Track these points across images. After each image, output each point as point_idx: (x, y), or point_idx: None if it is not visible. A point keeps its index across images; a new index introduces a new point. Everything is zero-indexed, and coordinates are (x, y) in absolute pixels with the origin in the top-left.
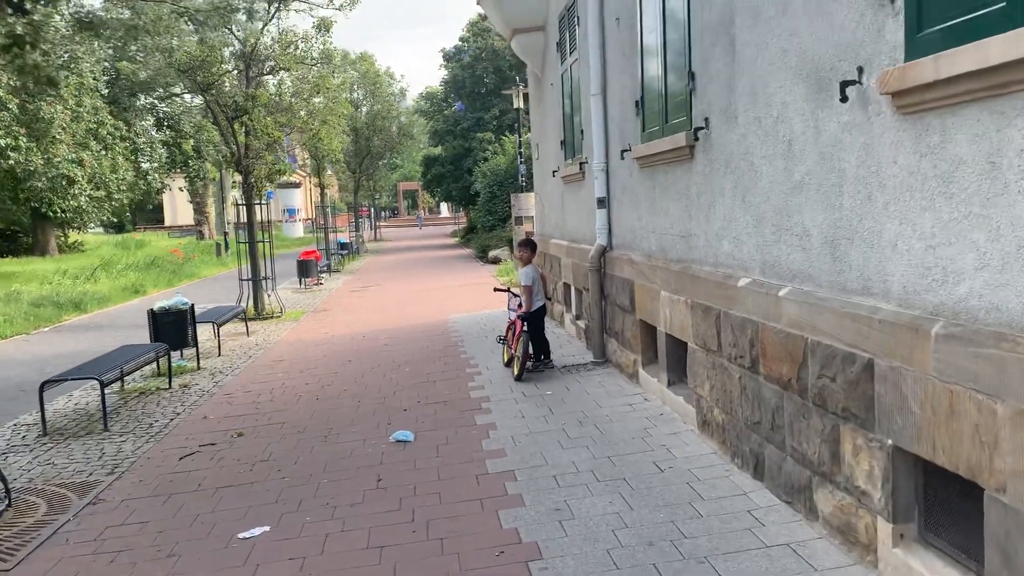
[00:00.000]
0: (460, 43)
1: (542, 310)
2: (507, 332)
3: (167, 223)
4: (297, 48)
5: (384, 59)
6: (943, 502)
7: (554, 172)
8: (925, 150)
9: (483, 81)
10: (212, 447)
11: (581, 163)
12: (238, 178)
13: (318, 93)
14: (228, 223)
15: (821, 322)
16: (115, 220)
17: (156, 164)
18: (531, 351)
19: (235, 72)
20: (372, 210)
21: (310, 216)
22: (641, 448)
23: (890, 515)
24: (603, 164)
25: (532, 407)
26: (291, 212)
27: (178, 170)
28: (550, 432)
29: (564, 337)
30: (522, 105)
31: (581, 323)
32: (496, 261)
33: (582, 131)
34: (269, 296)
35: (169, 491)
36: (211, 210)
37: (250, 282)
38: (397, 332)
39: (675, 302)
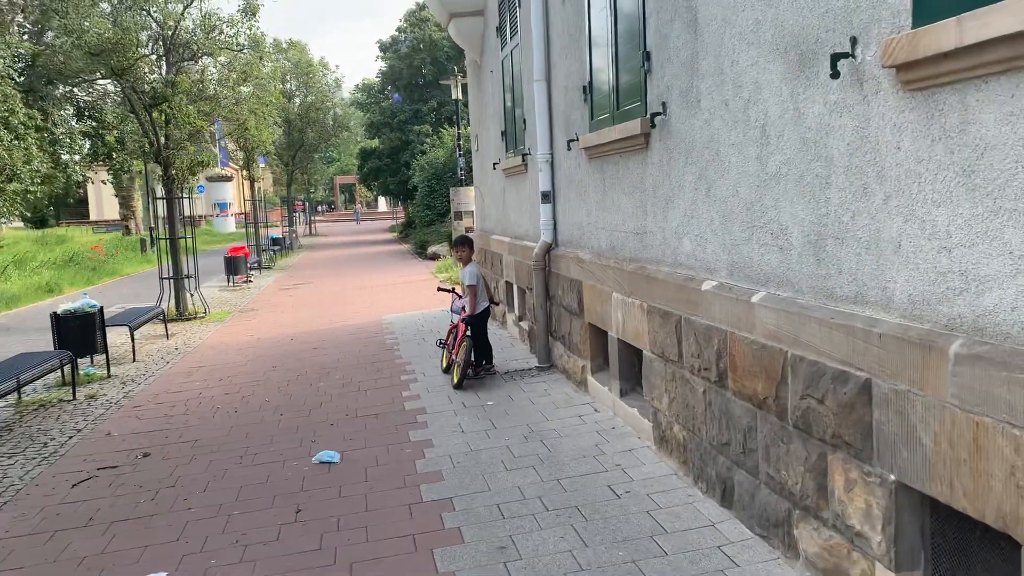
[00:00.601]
0: (397, 33)
1: (486, 312)
2: (448, 336)
3: (92, 218)
4: (222, 33)
5: (322, 52)
6: (959, 550)
7: (495, 165)
8: (939, 133)
9: (421, 72)
10: (112, 470)
11: (523, 155)
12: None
13: (245, 81)
14: (156, 218)
15: (805, 334)
16: (27, 215)
17: (77, 156)
18: (473, 358)
19: (153, 57)
20: (307, 204)
21: (243, 211)
22: (594, 468)
23: (892, 561)
24: (548, 155)
25: (473, 420)
26: (223, 206)
27: (100, 162)
28: (493, 450)
29: (506, 339)
30: (460, 96)
31: (524, 324)
32: (435, 257)
33: (524, 121)
34: (192, 295)
35: (54, 527)
36: (138, 204)
37: (171, 281)
38: (328, 334)
39: (629, 305)
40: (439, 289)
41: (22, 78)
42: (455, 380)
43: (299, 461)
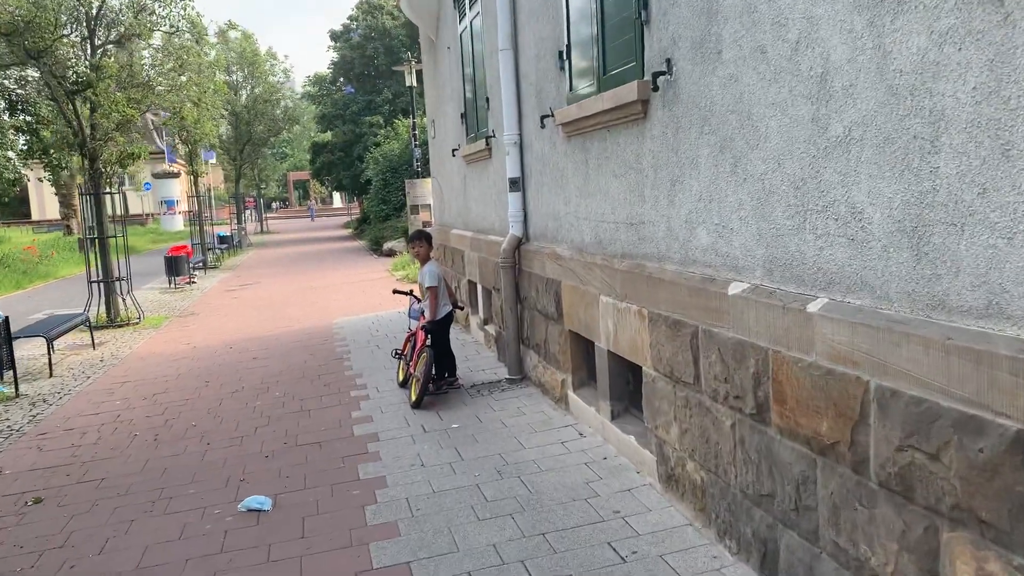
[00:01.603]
0: (349, 22)
1: (449, 317)
2: (405, 345)
3: (35, 217)
4: (153, 13)
5: (271, 44)
6: None
7: (454, 151)
8: None
9: (373, 62)
10: None
11: (487, 138)
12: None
13: (182, 67)
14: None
15: (899, 358)
16: None
17: (11, 153)
18: (434, 371)
19: (76, 38)
20: (259, 201)
21: (192, 208)
22: (588, 517)
23: None
24: (515, 137)
25: (435, 449)
26: (170, 204)
27: (36, 159)
28: (460, 491)
29: (471, 345)
30: (415, 84)
31: (491, 329)
32: (391, 253)
33: (487, 99)
34: (124, 300)
35: None
36: (79, 202)
37: (101, 284)
38: (272, 341)
39: (623, 312)
40: (395, 292)
41: None
42: (413, 397)
43: (222, 508)
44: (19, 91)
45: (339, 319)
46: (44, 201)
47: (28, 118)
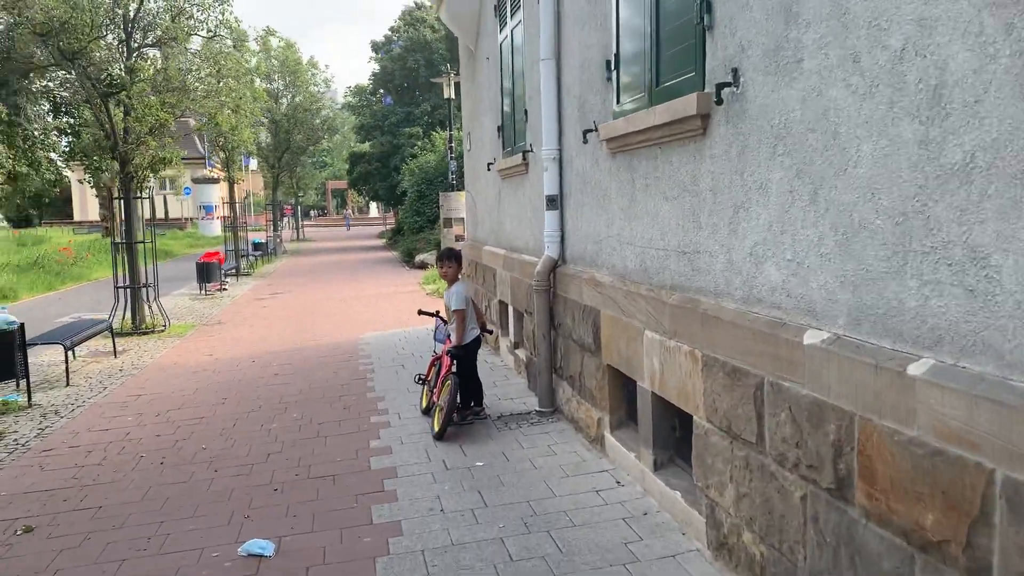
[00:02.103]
0: (391, 33)
1: (476, 343)
2: (429, 369)
3: (77, 218)
4: (191, 17)
5: (313, 53)
6: None
7: (489, 165)
8: None
9: (413, 74)
10: None
11: (524, 152)
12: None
13: (219, 72)
14: (141, 219)
15: None
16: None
17: (53, 154)
18: (459, 400)
19: (112, 39)
20: (297, 208)
21: (229, 214)
22: None
23: None
24: (555, 151)
25: (456, 491)
26: (208, 209)
27: (78, 161)
28: (482, 545)
29: (499, 369)
30: (453, 95)
31: (521, 354)
32: (423, 266)
33: (526, 111)
34: (150, 307)
35: None
36: (119, 205)
37: (127, 290)
38: (296, 356)
39: (671, 351)
40: (420, 312)
41: None
42: (436, 428)
43: (222, 550)
44: (64, 93)
45: (366, 334)
46: (86, 202)
47: (71, 120)
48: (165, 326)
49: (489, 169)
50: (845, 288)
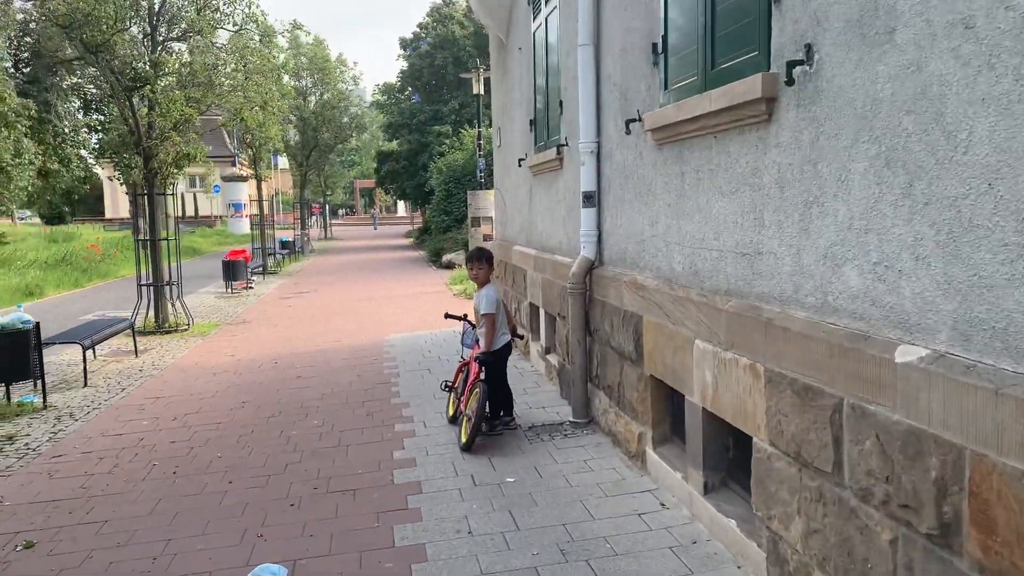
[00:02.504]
0: (419, 30)
1: (507, 349)
2: (456, 376)
3: (108, 215)
4: (217, 11)
5: (344, 52)
6: None
7: (520, 161)
8: None
9: (441, 72)
10: None
11: (558, 146)
12: (188, 170)
13: (245, 67)
14: (167, 217)
15: None
16: (28, 210)
17: (83, 151)
18: (488, 409)
19: (136, 32)
20: (325, 207)
21: (259, 212)
22: None
23: None
24: (593, 144)
25: (485, 510)
26: (237, 207)
27: (107, 158)
28: (515, 575)
29: (530, 376)
30: (483, 91)
31: (553, 360)
32: (450, 266)
33: (561, 103)
34: (173, 305)
35: None
36: (137, 203)
37: (151, 288)
38: (319, 357)
39: (727, 363)
40: (447, 316)
41: (28, 68)
42: (463, 439)
43: (231, 573)
44: (93, 90)
45: (391, 335)
46: (117, 199)
47: (100, 116)
48: (188, 325)
49: (520, 165)
50: (949, 296)
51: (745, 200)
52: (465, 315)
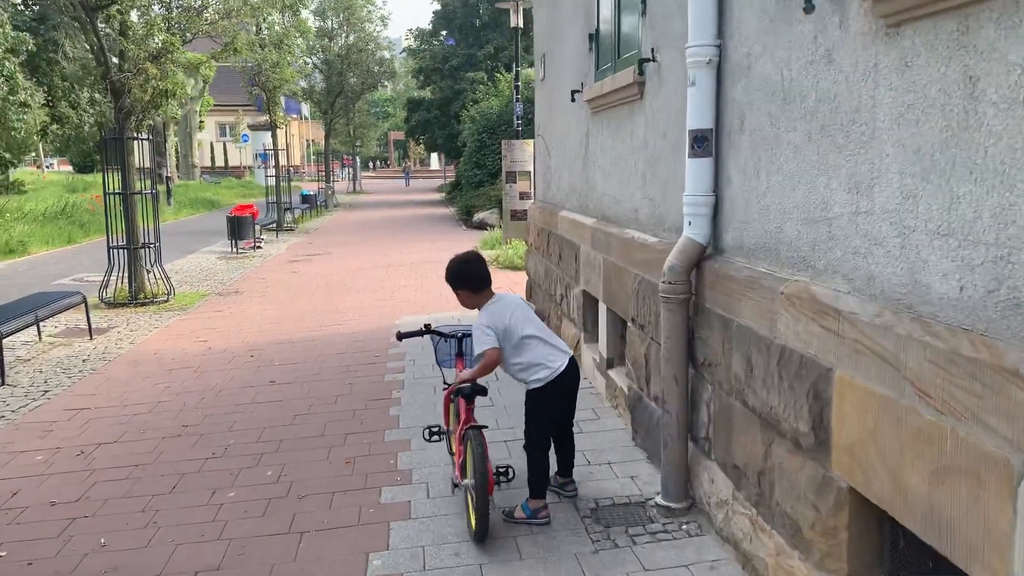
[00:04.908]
0: None
1: (555, 386)
2: (446, 410)
3: (137, 165)
4: None
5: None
6: None
7: (574, 95)
8: None
9: (477, 12)
10: None
11: (640, 62)
12: (218, 118)
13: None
14: (193, 167)
15: None
16: (17, 159)
17: (97, 95)
18: (530, 478)
19: None
20: (355, 159)
21: (289, 163)
22: None
23: None
24: (710, 50)
25: None
26: (263, 157)
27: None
28: None
29: (584, 394)
30: (521, 23)
31: (619, 380)
32: (482, 226)
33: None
34: (149, 272)
35: None
36: (173, 150)
37: (125, 252)
38: (308, 350)
39: None
40: (400, 336)
41: (37, 6)
42: (474, 526)
43: None
44: (108, 30)
45: (404, 318)
46: (145, 148)
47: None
48: (169, 296)
49: (573, 100)
50: None
51: None
52: (426, 326)
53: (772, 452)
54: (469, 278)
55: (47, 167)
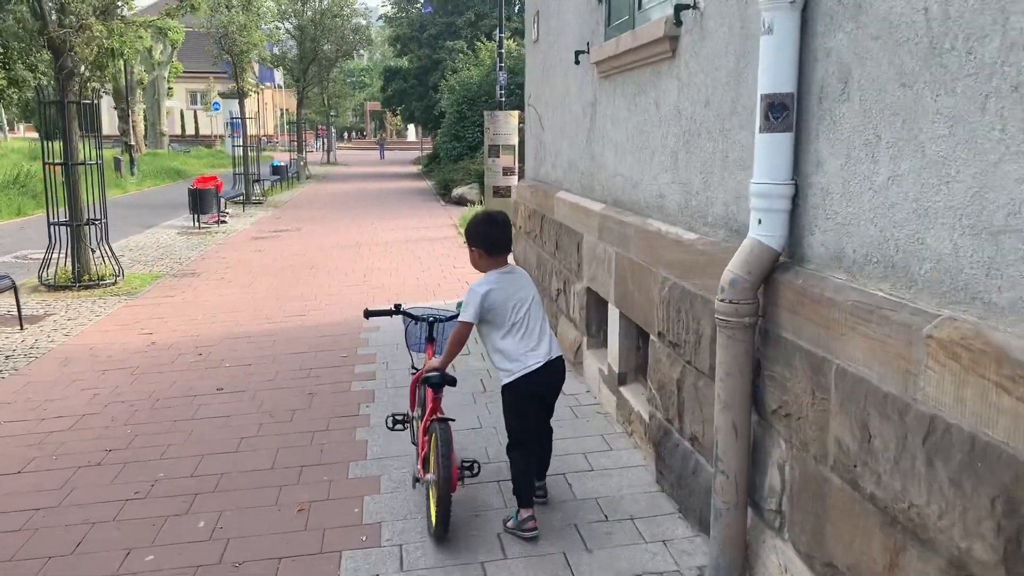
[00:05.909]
0: None
1: (539, 376)
2: (412, 397)
3: (106, 132)
4: None
5: None
6: None
7: (578, 56)
8: None
9: None
10: None
11: (679, 8)
12: (188, 86)
13: None
14: (162, 135)
15: None
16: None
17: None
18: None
19: None
20: (330, 129)
21: (262, 132)
22: None
23: None
24: None
25: None
26: (235, 126)
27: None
28: None
29: (586, 416)
30: None
31: (636, 402)
32: (461, 202)
33: None
34: (94, 252)
35: None
36: (139, 118)
37: (67, 229)
38: (266, 346)
39: None
40: (368, 314)
41: None
42: (433, 524)
43: None
44: None
45: (376, 306)
46: (114, 115)
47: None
48: (117, 278)
49: (578, 63)
50: None
51: None
52: (396, 306)
53: (906, 566)
54: (485, 238)
55: (8, 133)
